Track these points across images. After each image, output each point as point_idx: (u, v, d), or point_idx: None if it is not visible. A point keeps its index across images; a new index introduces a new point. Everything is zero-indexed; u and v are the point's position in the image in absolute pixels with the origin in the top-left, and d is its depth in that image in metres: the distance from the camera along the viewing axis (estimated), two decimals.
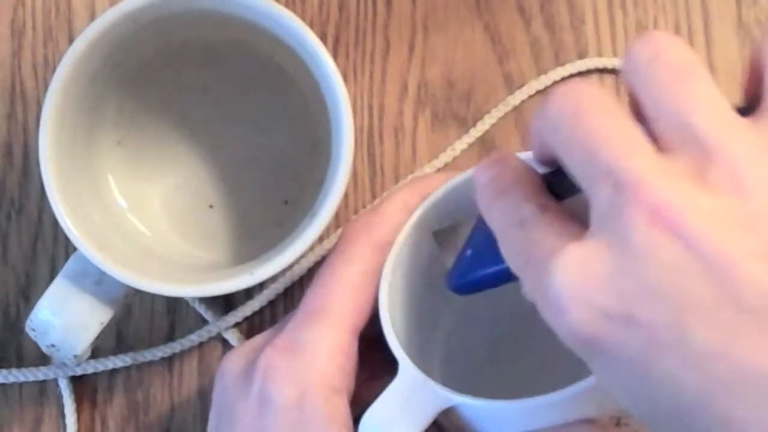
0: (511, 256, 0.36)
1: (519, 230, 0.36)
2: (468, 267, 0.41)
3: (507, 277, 0.38)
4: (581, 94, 0.34)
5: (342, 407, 0.42)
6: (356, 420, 0.42)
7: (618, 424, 0.42)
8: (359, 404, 0.44)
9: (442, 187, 0.45)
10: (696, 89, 0.33)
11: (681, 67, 0.33)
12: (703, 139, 0.32)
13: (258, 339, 0.45)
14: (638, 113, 0.34)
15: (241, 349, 0.45)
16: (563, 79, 0.52)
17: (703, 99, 0.33)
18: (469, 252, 0.41)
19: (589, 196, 0.34)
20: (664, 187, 0.32)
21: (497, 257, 0.38)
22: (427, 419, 0.41)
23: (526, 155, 0.42)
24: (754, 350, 0.30)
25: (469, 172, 0.45)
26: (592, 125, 0.34)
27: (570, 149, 0.34)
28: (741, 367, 0.30)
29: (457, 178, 0.45)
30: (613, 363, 0.33)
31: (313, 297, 0.44)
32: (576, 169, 0.34)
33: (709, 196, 0.31)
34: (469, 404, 0.41)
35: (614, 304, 0.32)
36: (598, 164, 0.33)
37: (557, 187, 0.37)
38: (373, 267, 0.44)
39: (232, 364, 0.44)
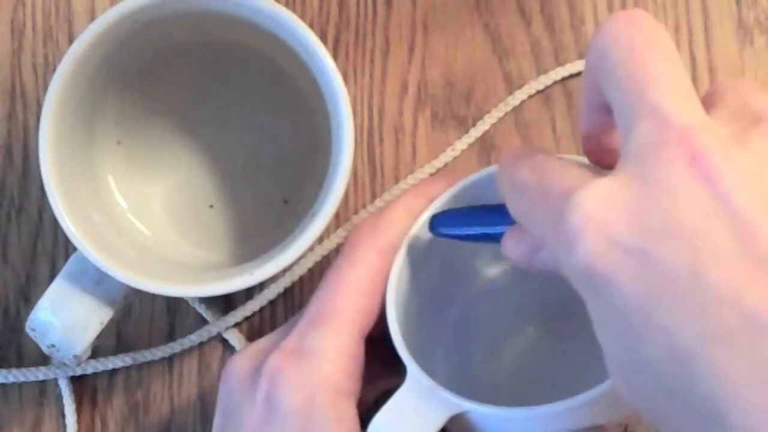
0: (525, 197, 0.36)
1: (535, 174, 0.36)
2: (450, 217, 0.43)
3: (483, 232, 0.41)
4: (642, 24, 0.35)
5: (349, 411, 0.42)
6: (361, 418, 0.42)
7: (626, 431, 0.42)
8: (364, 404, 0.44)
9: (447, 191, 0.45)
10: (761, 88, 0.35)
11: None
12: (755, 111, 0.34)
13: (263, 341, 0.45)
14: None
15: (247, 352, 0.45)
16: (563, 79, 0.52)
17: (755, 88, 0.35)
18: (452, 209, 0.43)
19: (625, 130, 0.34)
20: (709, 138, 0.33)
21: (478, 213, 0.40)
22: (435, 425, 0.41)
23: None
24: (762, 301, 0.31)
25: (473, 176, 0.45)
26: (647, 61, 0.34)
27: (619, 77, 0.35)
28: (748, 316, 0.31)
29: (462, 182, 0.45)
30: (615, 301, 0.32)
31: (319, 301, 0.44)
32: (620, 101, 0.35)
33: (747, 156, 0.32)
34: (477, 411, 0.41)
35: (633, 237, 0.32)
36: (646, 99, 0.34)
37: None
38: (379, 270, 0.44)
39: (237, 367, 0.44)
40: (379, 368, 0.44)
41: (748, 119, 0.34)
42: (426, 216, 0.45)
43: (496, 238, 0.40)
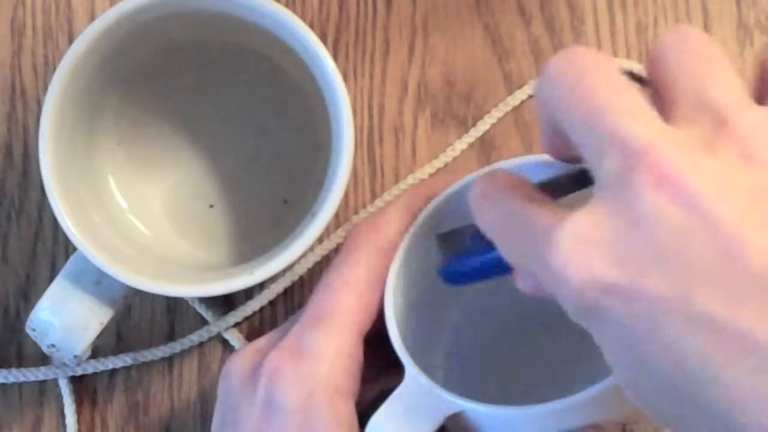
0: (506, 243, 0.36)
1: (510, 219, 0.36)
2: (461, 262, 0.41)
3: (494, 266, 0.39)
4: (582, 58, 0.34)
5: (347, 410, 0.42)
6: (360, 417, 0.43)
7: (624, 430, 0.42)
8: (362, 403, 0.44)
9: (445, 190, 0.45)
10: (716, 68, 0.34)
11: (703, 47, 0.34)
12: (718, 110, 0.32)
13: (262, 341, 0.45)
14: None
15: (246, 351, 0.45)
16: None
17: (722, 77, 0.33)
18: (462, 250, 0.41)
19: (592, 163, 0.33)
20: (673, 152, 0.32)
21: (484, 251, 0.38)
22: (433, 425, 0.41)
23: (522, 161, 0.42)
24: (755, 318, 0.30)
25: (472, 175, 0.45)
26: (597, 89, 0.34)
27: (572, 113, 0.34)
28: (743, 335, 0.30)
29: (461, 181, 0.45)
30: (617, 330, 0.32)
31: (318, 300, 0.44)
32: (579, 134, 0.34)
33: (717, 163, 0.32)
34: (475, 410, 0.41)
35: (617, 271, 0.32)
36: (603, 129, 0.33)
37: (551, 190, 0.38)
38: (378, 270, 0.44)
39: (236, 365, 0.44)
40: (378, 367, 0.44)
41: (711, 118, 0.33)
42: (424, 215, 0.45)
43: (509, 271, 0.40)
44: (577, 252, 0.32)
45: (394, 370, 0.42)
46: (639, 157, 0.32)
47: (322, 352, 0.42)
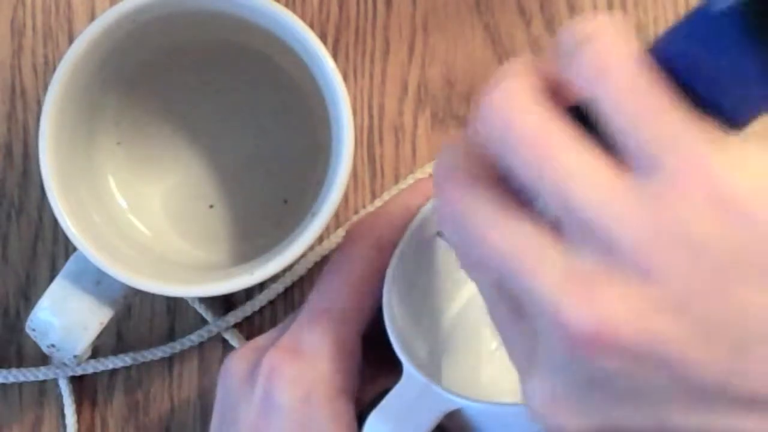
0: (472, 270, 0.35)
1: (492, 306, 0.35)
2: None
3: None
4: (501, 125, 0.32)
5: (346, 408, 0.42)
6: (359, 416, 0.43)
7: None
8: (361, 401, 0.44)
9: None
10: (562, 164, 0.31)
11: (533, 139, 0.31)
12: (594, 227, 0.30)
13: (261, 339, 0.45)
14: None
15: (244, 350, 0.45)
16: None
17: (574, 174, 0.31)
18: None
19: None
20: (583, 305, 0.30)
21: None
22: (431, 422, 0.41)
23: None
24: None
25: None
26: (486, 237, 0.32)
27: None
28: None
29: None
30: None
31: (316, 298, 0.44)
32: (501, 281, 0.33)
33: (626, 292, 0.30)
34: (473, 407, 0.41)
35: (595, 424, 0.32)
36: (519, 286, 0.32)
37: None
38: (376, 267, 0.44)
39: (235, 364, 0.44)
40: (377, 365, 0.44)
41: (591, 239, 0.30)
42: (423, 214, 0.45)
43: None
44: (550, 413, 0.33)
45: (393, 368, 0.42)
46: (556, 325, 0.31)
47: (321, 350, 0.43)
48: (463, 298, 0.48)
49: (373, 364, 0.44)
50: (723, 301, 0.30)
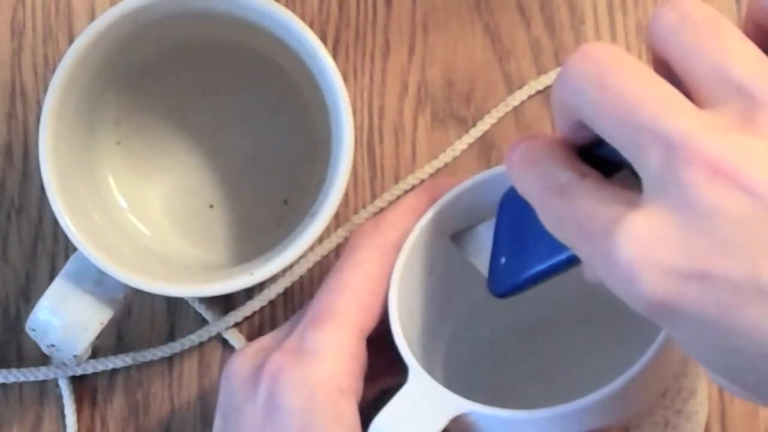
0: (556, 226, 0.36)
1: (560, 198, 0.35)
2: (508, 273, 0.41)
3: (550, 273, 0.38)
4: (602, 54, 0.34)
5: (350, 410, 0.42)
6: (362, 418, 0.42)
7: None
8: (365, 403, 0.44)
9: (451, 191, 0.45)
10: (729, 41, 0.33)
11: (711, 23, 0.33)
12: (745, 87, 0.32)
13: (264, 340, 0.45)
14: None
15: (247, 351, 0.45)
16: None
17: (738, 50, 0.33)
18: (503, 260, 0.41)
19: (635, 160, 0.33)
20: (717, 140, 0.32)
21: (534, 258, 0.38)
22: (438, 426, 0.41)
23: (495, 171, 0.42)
24: None
25: (477, 177, 0.45)
26: (624, 85, 0.33)
27: (603, 114, 0.34)
28: None
29: (466, 183, 0.45)
30: (692, 323, 0.32)
31: (320, 300, 0.44)
32: (613, 134, 0.34)
33: (761, 141, 0.32)
34: (479, 412, 0.41)
35: (688, 264, 0.32)
36: (640, 126, 0.32)
37: (595, 162, 0.36)
38: (381, 270, 0.44)
39: (238, 366, 0.44)
40: (381, 368, 0.44)
41: (740, 96, 0.32)
42: (428, 216, 0.45)
43: (564, 266, 0.39)
44: (644, 253, 0.32)
45: (398, 370, 0.42)
46: (685, 151, 0.32)
47: (324, 352, 0.42)
48: (468, 300, 0.48)
49: (377, 366, 0.44)
50: None
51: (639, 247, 0.32)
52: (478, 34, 0.53)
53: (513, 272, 0.40)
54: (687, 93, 0.33)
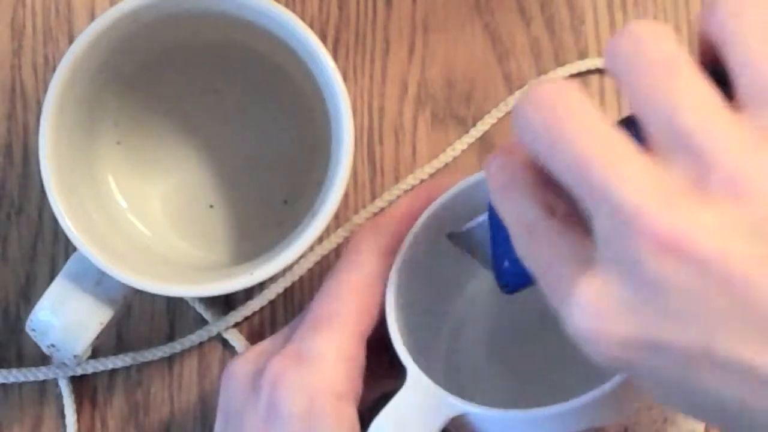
0: (523, 257, 0.36)
1: (528, 236, 0.35)
2: (513, 268, 0.40)
3: None
4: (551, 99, 0.33)
5: (349, 413, 0.42)
6: (362, 420, 0.42)
7: None
8: (365, 405, 0.44)
9: (447, 192, 0.45)
10: (680, 86, 0.32)
11: (663, 62, 0.32)
12: (694, 144, 0.31)
13: (264, 344, 0.45)
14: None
15: (247, 355, 0.45)
16: (563, 79, 0.52)
17: (689, 96, 0.32)
18: (506, 255, 0.41)
19: (588, 212, 0.33)
20: (665, 211, 0.31)
21: None
22: (436, 427, 0.41)
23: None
24: None
25: (473, 177, 0.45)
26: (574, 137, 0.33)
27: (555, 164, 0.33)
28: (766, 381, 0.31)
29: (462, 183, 0.45)
30: (654, 379, 0.33)
31: (319, 304, 0.44)
32: (568, 184, 0.33)
33: (711, 209, 0.31)
34: (477, 413, 0.41)
35: (640, 335, 0.32)
36: (591, 186, 0.32)
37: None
38: (379, 272, 0.44)
39: (238, 370, 0.44)
40: (380, 370, 0.44)
41: (691, 154, 0.31)
42: (426, 217, 0.45)
43: None
44: (596, 327, 0.32)
45: (397, 373, 0.42)
46: (632, 223, 0.31)
47: (324, 356, 0.42)
48: (466, 302, 0.48)
49: (376, 368, 0.44)
50: None
51: (592, 318, 0.32)
52: (477, 34, 0.53)
53: (518, 266, 0.40)
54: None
